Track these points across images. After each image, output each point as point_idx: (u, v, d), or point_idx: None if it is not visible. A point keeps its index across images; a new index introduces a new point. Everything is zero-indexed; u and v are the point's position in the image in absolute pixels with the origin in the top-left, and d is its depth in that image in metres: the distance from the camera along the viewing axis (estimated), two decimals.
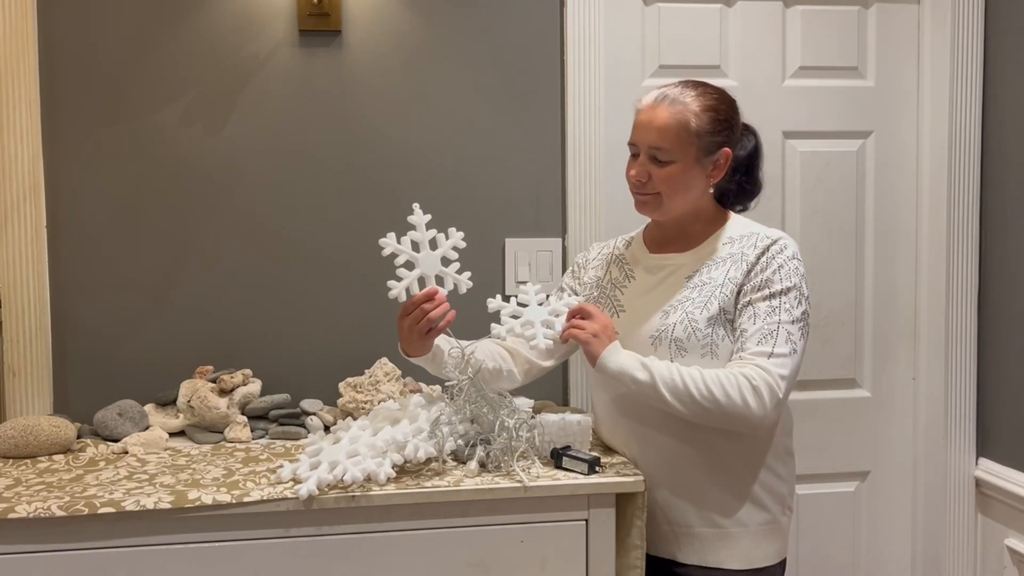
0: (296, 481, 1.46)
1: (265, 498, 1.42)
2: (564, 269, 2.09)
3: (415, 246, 1.56)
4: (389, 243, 1.54)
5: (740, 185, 1.67)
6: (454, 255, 1.58)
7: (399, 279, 1.54)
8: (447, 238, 1.57)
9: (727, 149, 1.58)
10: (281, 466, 1.50)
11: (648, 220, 1.72)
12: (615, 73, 2.12)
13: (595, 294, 1.72)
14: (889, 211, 2.27)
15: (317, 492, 1.42)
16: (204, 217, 1.99)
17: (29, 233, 1.90)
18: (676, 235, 1.65)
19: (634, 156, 1.61)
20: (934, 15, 2.19)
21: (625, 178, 1.62)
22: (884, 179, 2.27)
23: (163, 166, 1.97)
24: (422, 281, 1.56)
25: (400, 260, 1.54)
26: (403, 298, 1.54)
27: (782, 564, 1.64)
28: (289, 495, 1.43)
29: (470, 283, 1.59)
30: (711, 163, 1.58)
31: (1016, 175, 2.10)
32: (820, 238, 2.24)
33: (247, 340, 2.01)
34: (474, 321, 1.70)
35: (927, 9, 2.21)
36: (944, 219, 2.20)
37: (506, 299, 1.62)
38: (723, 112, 1.57)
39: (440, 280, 1.57)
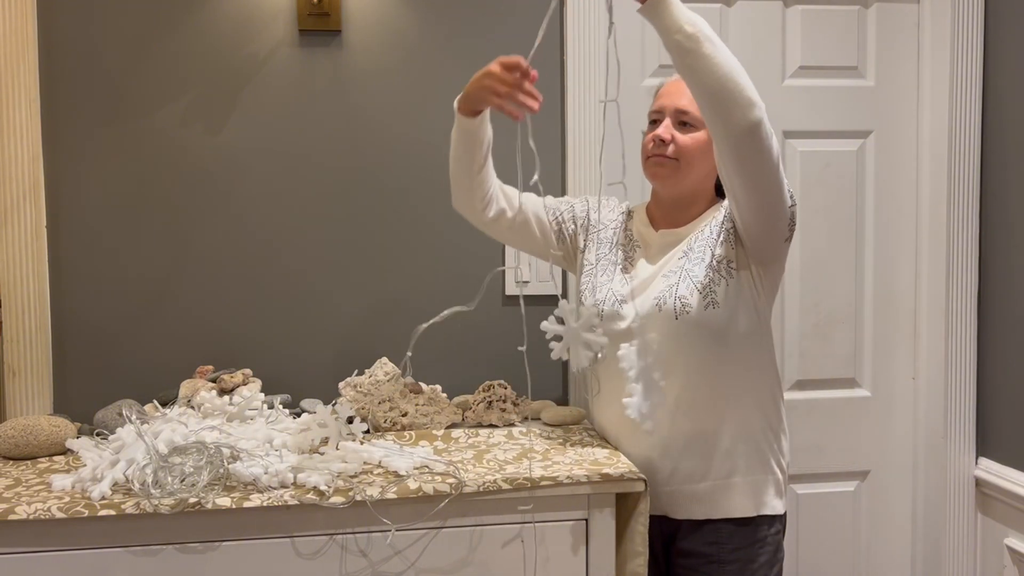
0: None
1: (265, 503, 1.42)
2: (564, 269, 2.08)
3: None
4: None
5: None
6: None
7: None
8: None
9: None
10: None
11: (645, 202, 1.77)
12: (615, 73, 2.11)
13: (605, 251, 1.75)
14: (889, 211, 2.27)
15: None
16: (204, 217, 1.99)
17: (29, 233, 1.90)
18: (676, 213, 1.70)
19: (654, 124, 1.66)
20: (934, 15, 2.19)
21: (641, 147, 1.68)
22: (884, 179, 2.27)
23: (163, 166, 1.97)
24: None
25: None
26: None
27: (785, 516, 1.72)
28: (289, 499, 1.43)
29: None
30: None
31: (1016, 175, 2.10)
32: (820, 238, 2.24)
33: (247, 340, 2.01)
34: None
35: (927, 9, 2.21)
36: (944, 219, 2.20)
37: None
38: None
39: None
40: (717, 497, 1.63)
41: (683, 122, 1.63)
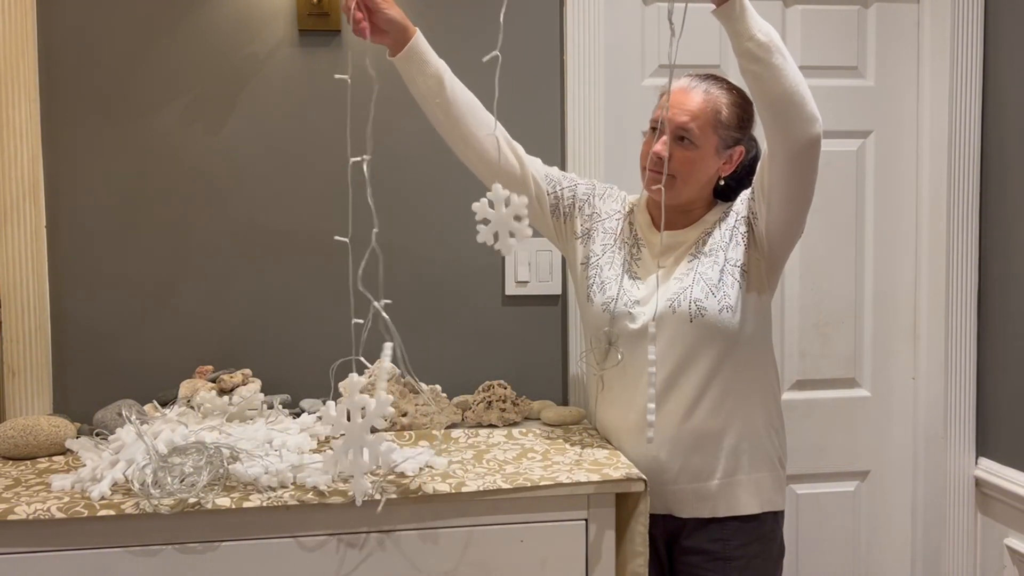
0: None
1: (264, 503, 1.42)
2: (564, 269, 2.08)
3: None
4: None
5: (740, 184, 1.71)
6: None
7: None
8: None
9: (742, 147, 1.66)
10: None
11: (644, 196, 1.77)
12: (615, 73, 2.12)
13: (609, 243, 1.74)
14: (889, 211, 2.27)
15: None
16: (204, 216, 1.99)
17: (29, 233, 1.89)
18: (677, 217, 1.70)
19: (653, 131, 1.64)
20: (934, 14, 2.19)
21: (640, 157, 1.67)
22: (884, 179, 2.27)
23: (163, 166, 1.97)
24: None
25: None
26: None
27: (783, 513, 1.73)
28: (288, 499, 1.43)
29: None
30: (726, 156, 1.65)
31: (1016, 174, 2.10)
32: (820, 238, 2.24)
33: (247, 340, 2.01)
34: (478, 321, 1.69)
35: (927, 8, 2.21)
36: (944, 219, 2.20)
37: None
38: (747, 111, 1.65)
39: None
40: (723, 495, 1.64)
41: (682, 137, 1.61)
